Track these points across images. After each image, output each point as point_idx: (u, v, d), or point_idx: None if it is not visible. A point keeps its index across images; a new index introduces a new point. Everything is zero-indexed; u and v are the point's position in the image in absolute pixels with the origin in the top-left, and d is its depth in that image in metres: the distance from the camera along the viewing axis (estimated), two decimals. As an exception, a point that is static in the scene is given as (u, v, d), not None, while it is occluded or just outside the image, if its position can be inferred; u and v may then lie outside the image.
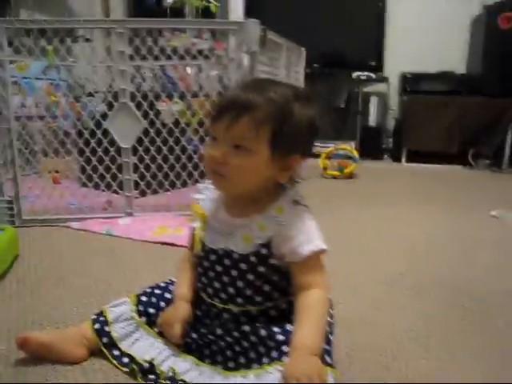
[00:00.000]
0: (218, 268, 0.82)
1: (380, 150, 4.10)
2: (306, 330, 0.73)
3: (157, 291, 0.93)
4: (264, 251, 0.77)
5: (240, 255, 0.79)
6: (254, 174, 0.76)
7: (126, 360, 0.86)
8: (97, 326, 0.89)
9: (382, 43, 4.09)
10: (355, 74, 3.93)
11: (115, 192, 1.95)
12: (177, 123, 1.92)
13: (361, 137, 3.97)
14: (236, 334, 0.80)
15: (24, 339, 0.86)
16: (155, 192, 1.99)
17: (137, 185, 1.91)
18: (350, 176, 3.04)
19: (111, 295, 1.13)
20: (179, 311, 0.85)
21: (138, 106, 1.84)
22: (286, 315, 0.80)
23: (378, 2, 4.04)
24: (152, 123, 1.88)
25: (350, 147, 3.17)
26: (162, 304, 0.91)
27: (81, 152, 1.92)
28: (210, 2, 3.00)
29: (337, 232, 1.75)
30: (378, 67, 4.08)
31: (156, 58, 1.89)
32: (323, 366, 0.71)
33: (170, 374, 0.80)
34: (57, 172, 2.48)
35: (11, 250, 1.42)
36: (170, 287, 0.93)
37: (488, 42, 3.70)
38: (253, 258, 0.78)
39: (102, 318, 0.90)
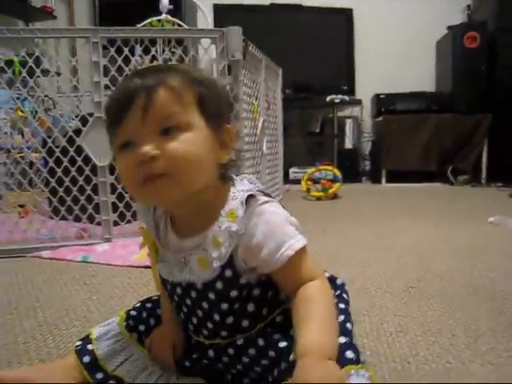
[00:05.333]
0: (188, 302, 0.67)
1: (358, 173, 4.05)
2: (310, 330, 0.56)
3: (148, 305, 0.78)
4: (228, 273, 0.61)
5: (203, 284, 0.63)
6: (205, 157, 0.58)
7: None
8: (79, 347, 0.72)
9: (352, 67, 4.13)
10: (329, 98, 3.89)
11: (90, 220, 1.76)
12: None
13: (338, 160, 3.90)
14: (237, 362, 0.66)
15: None
16: (135, 216, 1.80)
17: (115, 208, 1.73)
18: (334, 196, 2.94)
19: (93, 324, 0.96)
20: (168, 332, 0.72)
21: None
22: (286, 326, 0.63)
23: (346, 27, 4.10)
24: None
25: (331, 167, 3.08)
26: (152, 321, 0.76)
27: (51, 175, 1.72)
28: (180, 26, 2.92)
29: (341, 249, 1.63)
30: (351, 90, 4.09)
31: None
32: (341, 373, 0.52)
33: None
34: (21, 206, 2.27)
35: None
36: None
37: (455, 61, 3.76)
38: (219, 285, 0.62)
39: (86, 340, 0.73)
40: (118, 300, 1.16)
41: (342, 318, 0.63)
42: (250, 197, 0.60)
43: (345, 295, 0.70)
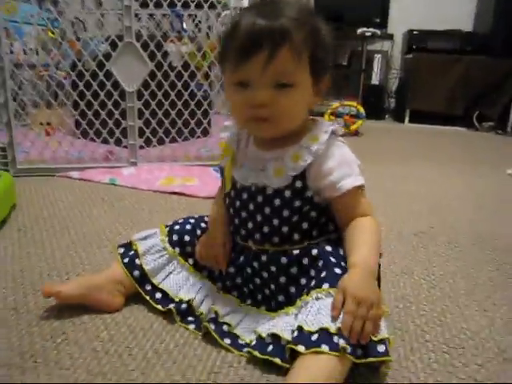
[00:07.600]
0: (251, 206, 0.74)
1: (382, 110, 4.00)
2: (363, 248, 0.67)
3: (191, 220, 0.86)
4: (299, 184, 0.70)
5: (273, 190, 0.71)
6: (302, 109, 0.70)
7: (158, 295, 0.80)
8: (126, 260, 0.83)
9: (387, -1, 3.93)
10: (360, 31, 3.75)
11: (116, 143, 1.82)
12: (186, 66, 1.77)
13: (363, 95, 3.84)
14: (273, 269, 0.73)
15: (52, 294, 0.77)
16: (161, 142, 1.85)
17: (141, 133, 1.78)
18: (356, 133, 2.94)
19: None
20: (219, 233, 0.79)
21: (144, 46, 1.69)
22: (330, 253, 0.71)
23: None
24: (159, 66, 1.73)
25: (355, 103, 3.06)
26: (198, 232, 0.84)
27: (80, 97, 1.76)
28: None
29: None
30: (383, 24, 3.92)
31: (156, 5, 1.74)
32: (377, 289, 0.65)
33: (212, 315, 0.74)
34: (49, 124, 2.32)
35: (8, 198, 1.30)
36: (206, 219, 0.86)
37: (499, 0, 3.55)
38: (287, 192, 0.70)
39: (131, 252, 0.83)
40: (145, 224, 1.24)
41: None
42: (332, 132, 0.71)
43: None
